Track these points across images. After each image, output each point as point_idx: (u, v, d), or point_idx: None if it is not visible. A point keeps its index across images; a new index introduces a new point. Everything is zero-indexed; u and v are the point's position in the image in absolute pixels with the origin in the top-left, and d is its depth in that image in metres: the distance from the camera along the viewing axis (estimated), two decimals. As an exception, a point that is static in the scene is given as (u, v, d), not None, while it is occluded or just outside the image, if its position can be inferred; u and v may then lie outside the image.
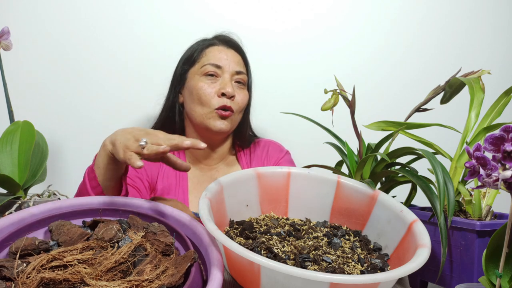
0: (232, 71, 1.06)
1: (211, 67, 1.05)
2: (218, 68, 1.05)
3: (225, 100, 1.03)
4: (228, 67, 1.06)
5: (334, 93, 0.85)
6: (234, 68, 1.07)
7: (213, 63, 1.05)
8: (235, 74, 1.07)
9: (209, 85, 1.04)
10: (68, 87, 1.31)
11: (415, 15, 1.57)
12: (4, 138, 0.89)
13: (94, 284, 0.47)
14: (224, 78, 1.05)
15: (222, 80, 1.05)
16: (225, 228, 0.71)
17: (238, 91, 1.07)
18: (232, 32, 1.17)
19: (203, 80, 1.05)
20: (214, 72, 1.05)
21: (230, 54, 1.09)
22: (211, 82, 1.04)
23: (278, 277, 0.51)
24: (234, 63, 1.08)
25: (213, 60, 1.06)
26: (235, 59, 1.09)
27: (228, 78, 1.05)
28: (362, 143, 0.88)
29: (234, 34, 1.17)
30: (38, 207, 0.64)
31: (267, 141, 1.20)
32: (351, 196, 0.78)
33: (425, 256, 0.56)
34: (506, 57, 1.65)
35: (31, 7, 1.28)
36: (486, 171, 0.46)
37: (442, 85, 0.87)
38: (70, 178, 1.32)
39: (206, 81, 1.04)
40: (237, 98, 1.06)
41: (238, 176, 0.76)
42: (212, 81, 1.05)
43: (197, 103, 1.05)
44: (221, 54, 1.07)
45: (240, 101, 1.07)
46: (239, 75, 1.08)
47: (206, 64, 1.06)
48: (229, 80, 1.05)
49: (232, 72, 1.06)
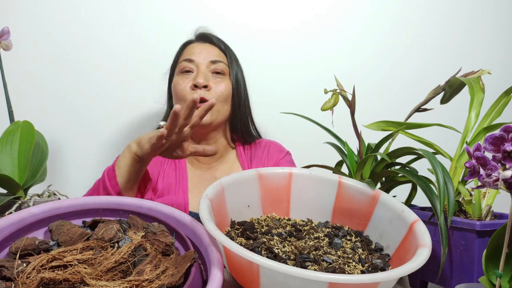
0: (207, 62, 1.05)
1: (185, 62, 1.05)
2: (191, 62, 1.05)
3: (198, 92, 1.01)
4: (201, 59, 1.05)
5: (334, 93, 0.85)
6: (208, 58, 1.06)
7: (186, 58, 1.06)
8: (210, 64, 1.06)
9: (183, 80, 1.04)
10: (68, 87, 1.31)
11: (415, 15, 1.57)
12: (4, 138, 0.89)
13: (94, 284, 0.47)
14: (198, 71, 1.05)
15: (196, 73, 1.05)
16: (226, 228, 0.71)
17: (216, 80, 1.05)
18: (207, 27, 1.17)
19: (180, 77, 1.06)
20: (188, 68, 1.05)
21: (204, 47, 1.09)
22: (185, 78, 1.04)
23: (277, 277, 0.51)
24: (208, 54, 1.07)
25: (186, 56, 1.06)
26: (210, 50, 1.08)
27: (203, 69, 1.04)
28: (362, 143, 0.88)
29: (207, 28, 1.17)
30: (38, 207, 0.64)
31: (268, 141, 1.20)
32: (352, 196, 0.78)
33: (425, 256, 0.56)
34: (506, 57, 1.65)
35: (31, 7, 1.28)
36: (486, 171, 0.46)
37: (442, 85, 0.87)
38: (70, 178, 1.32)
39: (182, 78, 1.05)
40: (215, 88, 1.04)
41: (239, 177, 0.76)
42: (187, 77, 1.05)
43: (176, 101, 1.06)
44: (194, 49, 1.08)
45: (219, 91, 1.04)
46: (215, 64, 1.06)
47: (181, 61, 1.07)
48: (203, 71, 1.04)
49: (206, 64, 1.05)
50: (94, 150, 1.34)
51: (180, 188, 1.06)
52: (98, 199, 0.69)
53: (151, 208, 0.69)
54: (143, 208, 0.69)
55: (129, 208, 0.68)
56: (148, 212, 0.67)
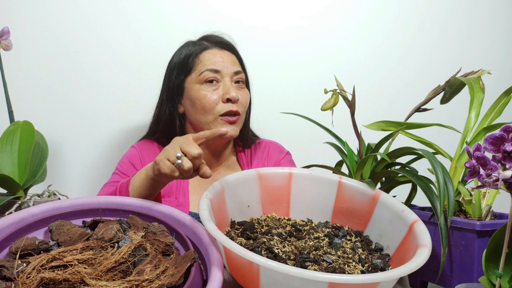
0: (231, 72, 1.04)
1: (210, 73, 1.02)
2: (217, 73, 1.02)
3: (230, 105, 1.00)
4: (226, 69, 1.03)
5: (334, 93, 0.85)
6: (232, 69, 1.04)
7: (211, 68, 1.02)
8: (234, 75, 1.04)
9: (212, 92, 1.01)
10: (68, 87, 1.31)
11: (415, 15, 1.57)
12: (4, 138, 0.89)
13: (94, 284, 0.48)
14: (225, 82, 1.02)
15: (224, 84, 1.02)
16: (226, 228, 0.71)
17: (240, 91, 1.05)
18: (223, 32, 1.14)
19: (205, 88, 1.02)
20: (213, 78, 1.02)
21: (225, 55, 1.06)
22: (213, 90, 1.01)
23: (277, 276, 0.51)
24: (231, 63, 1.05)
25: (210, 66, 1.02)
26: (231, 59, 1.06)
27: (229, 81, 1.03)
28: (362, 143, 0.88)
29: (225, 33, 1.14)
30: (38, 207, 0.64)
31: (267, 141, 1.19)
32: (352, 196, 0.77)
33: (425, 256, 0.56)
34: (506, 57, 1.65)
35: (31, 7, 1.28)
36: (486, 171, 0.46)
37: (442, 85, 0.87)
38: (70, 178, 1.32)
39: (208, 89, 1.01)
40: (240, 99, 1.03)
41: (239, 177, 0.76)
42: (214, 88, 1.02)
43: (201, 113, 1.02)
44: (216, 57, 1.04)
45: (244, 102, 1.05)
46: (238, 75, 1.05)
47: (203, 71, 1.02)
48: (230, 83, 1.03)
49: (231, 74, 1.04)
50: (94, 150, 1.34)
51: (180, 190, 1.06)
52: (98, 199, 0.69)
53: (151, 208, 0.69)
54: (143, 208, 0.69)
55: (129, 208, 0.68)
56: (148, 212, 0.67)
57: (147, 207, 0.69)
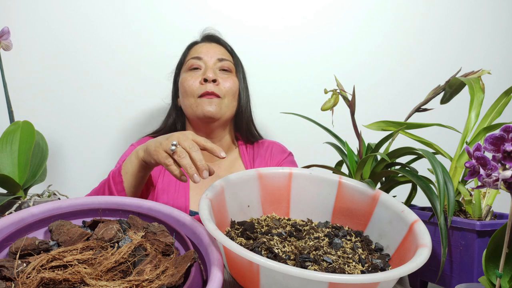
0: (214, 59, 1.09)
1: (193, 60, 1.09)
2: (199, 60, 1.08)
3: (208, 86, 1.05)
4: (209, 57, 1.09)
5: (334, 93, 0.85)
6: (216, 56, 1.09)
7: (194, 56, 1.09)
8: (217, 62, 1.09)
9: (192, 77, 1.07)
10: (68, 87, 1.31)
11: (415, 15, 1.57)
12: (4, 138, 0.89)
13: (94, 284, 0.48)
14: (206, 67, 1.08)
15: (204, 69, 1.08)
16: (226, 228, 0.71)
17: (224, 77, 1.09)
18: (213, 28, 1.20)
19: (188, 74, 1.08)
20: (196, 65, 1.08)
21: (211, 46, 1.12)
22: (194, 74, 1.08)
23: (277, 276, 0.51)
24: (216, 52, 1.11)
25: (194, 54, 1.10)
26: (217, 49, 1.12)
27: (211, 65, 1.08)
28: (362, 143, 0.88)
29: (214, 29, 1.20)
30: (38, 207, 0.64)
31: (270, 142, 1.20)
32: (352, 196, 0.78)
33: (425, 256, 0.56)
34: (506, 57, 1.65)
35: (31, 7, 1.28)
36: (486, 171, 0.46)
37: (442, 85, 0.87)
38: (70, 178, 1.32)
39: (191, 74, 1.08)
40: (223, 83, 1.07)
41: (239, 177, 0.76)
42: (196, 73, 1.08)
43: (184, 96, 1.08)
44: (201, 48, 1.11)
45: (227, 87, 1.08)
46: (223, 61, 1.10)
47: (188, 59, 1.10)
48: (212, 67, 1.08)
49: (214, 61, 1.09)
50: (94, 150, 1.34)
51: (180, 186, 1.06)
52: (98, 199, 0.69)
53: (151, 208, 0.69)
54: (143, 208, 0.69)
55: (129, 208, 0.68)
56: (148, 212, 0.67)
57: (147, 207, 0.69)
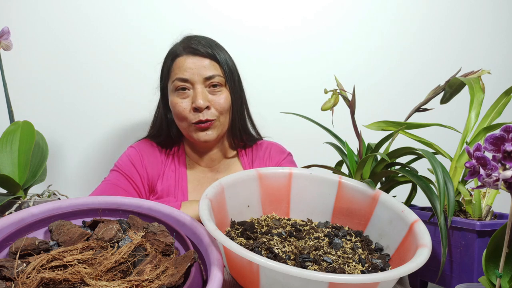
0: (201, 79, 1.01)
1: (178, 82, 1.02)
2: (185, 82, 1.01)
3: (199, 114, 1.00)
4: (195, 77, 1.01)
5: (334, 93, 0.85)
6: (203, 74, 1.01)
7: (179, 77, 1.01)
8: (205, 81, 1.02)
9: (182, 101, 1.01)
10: (68, 87, 1.31)
11: (415, 15, 1.57)
12: (4, 138, 0.89)
13: (94, 284, 0.47)
14: (195, 90, 1.01)
15: (194, 92, 1.01)
16: (226, 228, 0.71)
17: (215, 95, 1.02)
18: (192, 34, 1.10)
19: (176, 95, 1.02)
20: (183, 86, 1.01)
21: (196, 60, 1.03)
22: (183, 98, 1.02)
23: (277, 276, 0.51)
24: (202, 69, 1.02)
25: (179, 74, 1.02)
26: (201, 63, 1.02)
27: (200, 88, 1.01)
28: (362, 143, 0.88)
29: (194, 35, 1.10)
30: (38, 207, 0.64)
31: (269, 142, 1.19)
32: (352, 196, 0.78)
33: (425, 256, 0.56)
34: (506, 57, 1.65)
35: (31, 7, 1.28)
36: (486, 171, 0.46)
37: (442, 85, 0.87)
38: (70, 178, 1.32)
39: (179, 97, 1.02)
40: (215, 103, 1.02)
41: (239, 177, 0.76)
42: (184, 96, 1.02)
43: (177, 119, 1.04)
44: (185, 64, 1.02)
45: (219, 105, 1.02)
46: (211, 79, 1.02)
47: (174, 79, 1.03)
48: (201, 91, 1.01)
49: (201, 80, 1.01)
50: (94, 150, 1.34)
51: (179, 189, 1.06)
52: (98, 199, 0.69)
53: (151, 208, 0.69)
54: (143, 208, 0.69)
55: (129, 208, 0.68)
56: (148, 212, 0.67)
57: (147, 207, 0.69)
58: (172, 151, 1.12)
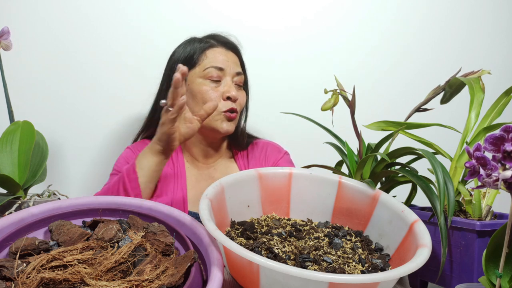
0: (233, 73, 1.08)
1: (214, 70, 1.06)
2: (221, 71, 1.07)
3: (230, 103, 1.06)
4: (229, 69, 1.08)
5: (334, 93, 0.85)
6: (234, 70, 1.09)
7: (216, 65, 1.06)
8: (235, 76, 1.09)
9: (213, 89, 1.06)
10: (68, 87, 1.31)
11: (415, 15, 1.57)
12: (4, 138, 0.89)
13: (94, 284, 0.48)
14: (226, 81, 1.07)
15: (225, 83, 1.07)
16: (226, 228, 0.71)
17: (238, 92, 1.09)
18: (230, 33, 1.17)
19: (207, 83, 1.06)
20: (217, 77, 1.06)
21: (230, 56, 1.11)
22: (214, 86, 1.06)
23: (277, 276, 0.51)
24: (234, 64, 1.10)
25: (215, 63, 1.07)
26: (234, 60, 1.11)
27: (230, 80, 1.08)
28: (362, 143, 0.88)
29: (232, 35, 1.17)
30: (38, 207, 0.64)
31: (265, 142, 1.20)
32: (352, 196, 0.78)
33: (425, 256, 0.56)
34: (506, 57, 1.65)
35: (31, 7, 1.28)
36: (486, 171, 0.46)
37: (442, 85, 0.87)
38: (70, 178, 1.32)
39: (210, 85, 1.06)
40: (239, 99, 1.08)
41: (239, 177, 0.76)
42: (215, 85, 1.06)
43: (197, 102, 1.06)
44: (221, 56, 1.09)
45: (241, 102, 1.10)
46: (238, 76, 1.10)
47: (208, 67, 1.06)
48: (231, 83, 1.08)
49: (232, 74, 1.08)
50: (94, 150, 1.34)
51: (178, 186, 1.06)
52: (98, 199, 0.69)
53: (151, 208, 0.69)
54: (143, 208, 0.69)
55: (129, 208, 0.68)
56: (148, 212, 0.67)
57: (147, 207, 0.69)
58: None
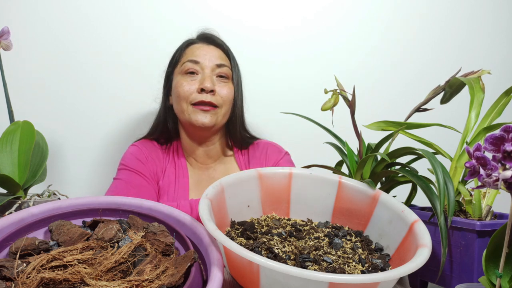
0: (212, 65, 1.05)
1: (190, 63, 1.05)
2: (196, 64, 1.05)
3: (204, 95, 1.02)
4: (207, 62, 1.05)
5: (334, 93, 0.85)
6: (214, 62, 1.06)
7: (191, 59, 1.05)
8: (216, 68, 1.06)
9: (188, 82, 1.04)
10: (68, 87, 1.31)
11: (415, 15, 1.57)
12: (4, 138, 0.89)
13: (94, 284, 0.48)
14: (204, 74, 1.04)
15: (202, 75, 1.05)
16: (226, 228, 0.71)
17: (221, 85, 1.06)
18: (211, 28, 1.16)
19: (184, 78, 1.05)
20: (193, 69, 1.04)
21: (209, 49, 1.08)
22: (190, 80, 1.04)
23: (277, 276, 0.51)
24: (214, 57, 1.07)
25: (191, 57, 1.06)
26: (215, 52, 1.08)
27: (208, 73, 1.04)
28: (362, 143, 0.88)
29: (213, 30, 1.15)
30: (38, 207, 0.64)
31: (266, 142, 1.19)
32: (352, 196, 0.77)
33: (425, 256, 0.56)
34: (506, 57, 1.65)
35: (31, 7, 1.28)
36: (486, 171, 0.46)
37: (442, 85, 0.87)
38: (70, 178, 1.32)
39: (186, 79, 1.04)
40: (220, 92, 1.04)
41: (239, 177, 0.76)
42: (192, 79, 1.04)
43: (177, 101, 1.05)
44: (199, 50, 1.07)
45: (224, 95, 1.05)
46: (221, 68, 1.06)
47: (185, 61, 1.06)
48: (209, 75, 1.04)
49: (212, 67, 1.05)
50: (94, 150, 1.34)
51: (180, 186, 1.06)
52: (98, 199, 0.69)
53: (151, 208, 0.69)
54: (143, 208, 0.69)
55: (129, 208, 0.68)
56: (148, 212, 0.67)
57: (147, 207, 0.69)
58: (171, 149, 1.13)
